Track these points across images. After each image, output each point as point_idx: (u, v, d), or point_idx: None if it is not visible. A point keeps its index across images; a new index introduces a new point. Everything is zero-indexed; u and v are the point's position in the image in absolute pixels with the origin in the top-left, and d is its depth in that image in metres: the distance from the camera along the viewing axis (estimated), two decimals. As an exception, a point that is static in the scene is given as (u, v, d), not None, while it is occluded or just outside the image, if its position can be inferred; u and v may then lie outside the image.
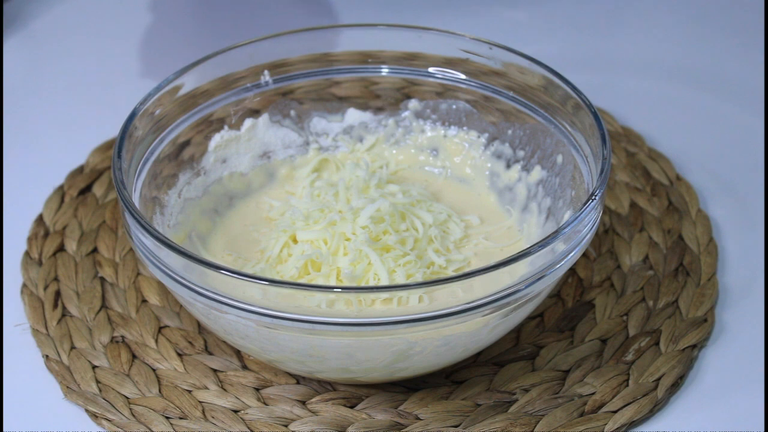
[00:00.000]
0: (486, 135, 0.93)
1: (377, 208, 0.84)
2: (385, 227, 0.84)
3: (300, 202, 0.89)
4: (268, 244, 0.85)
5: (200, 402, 0.81)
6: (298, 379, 0.82)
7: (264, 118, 0.93)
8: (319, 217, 0.85)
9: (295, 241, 0.84)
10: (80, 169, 0.99)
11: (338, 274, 0.81)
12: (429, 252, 0.84)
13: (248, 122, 0.92)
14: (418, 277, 0.81)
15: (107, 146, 1.01)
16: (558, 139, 0.87)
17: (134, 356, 0.84)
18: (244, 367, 0.83)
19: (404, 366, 0.77)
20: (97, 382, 0.82)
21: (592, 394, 0.81)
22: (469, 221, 0.89)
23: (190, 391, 0.81)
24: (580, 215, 0.75)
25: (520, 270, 0.74)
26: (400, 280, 0.81)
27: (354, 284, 0.80)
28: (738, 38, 1.14)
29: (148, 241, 0.75)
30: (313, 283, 0.81)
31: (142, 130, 0.84)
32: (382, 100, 0.95)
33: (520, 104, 0.89)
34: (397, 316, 0.72)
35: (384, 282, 0.81)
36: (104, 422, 0.79)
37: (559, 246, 0.75)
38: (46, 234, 0.92)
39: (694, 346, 0.84)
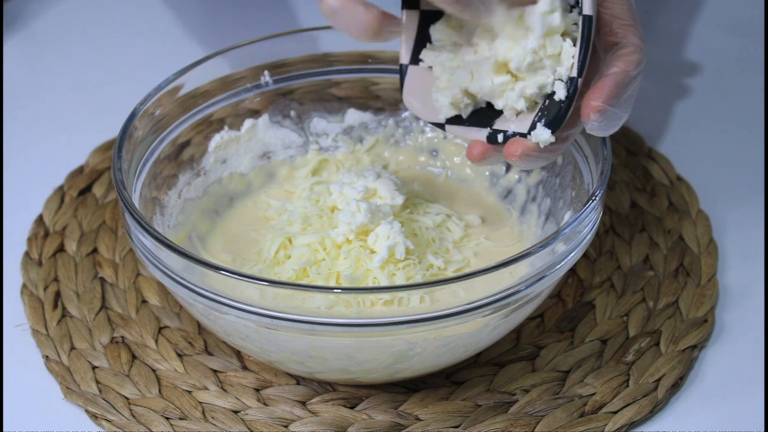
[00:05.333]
0: (486, 135, 0.93)
1: (377, 209, 0.84)
2: (384, 228, 0.84)
3: (298, 202, 0.88)
4: (264, 246, 0.85)
5: (200, 402, 0.81)
6: (298, 380, 0.82)
7: (264, 118, 0.93)
8: (316, 221, 0.85)
9: (291, 243, 0.84)
10: (80, 170, 0.99)
11: (338, 277, 0.81)
12: (428, 254, 0.84)
13: (248, 122, 0.92)
14: (418, 279, 0.81)
15: (107, 146, 1.00)
16: (558, 139, 0.87)
17: (134, 357, 0.84)
18: (244, 368, 0.83)
19: (404, 367, 0.77)
20: (97, 382, 0.82)
21: (593, 394, 0.81)
22: (469, 221, 0.89)
23: (190, 392, 0.81)
24: (580, 216, 0.75)
25: (521, 270, 0.74)
26: (400, 282, 0.81)
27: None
28: (738, 38, 1.14)
29: (148, 242, 0.75)
30: (313, 284, 0.81)
31: (142, 131, 0.84)
32: (382, 101, 0.95)
33: (520, 104, 0.89)
34: (397, 317, 0.72)
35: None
36: (104, 423, 0.79)
37: (560, 246, 0.75)
38: (46, 234, 0.92)
39: (694, 347, 0.84)
